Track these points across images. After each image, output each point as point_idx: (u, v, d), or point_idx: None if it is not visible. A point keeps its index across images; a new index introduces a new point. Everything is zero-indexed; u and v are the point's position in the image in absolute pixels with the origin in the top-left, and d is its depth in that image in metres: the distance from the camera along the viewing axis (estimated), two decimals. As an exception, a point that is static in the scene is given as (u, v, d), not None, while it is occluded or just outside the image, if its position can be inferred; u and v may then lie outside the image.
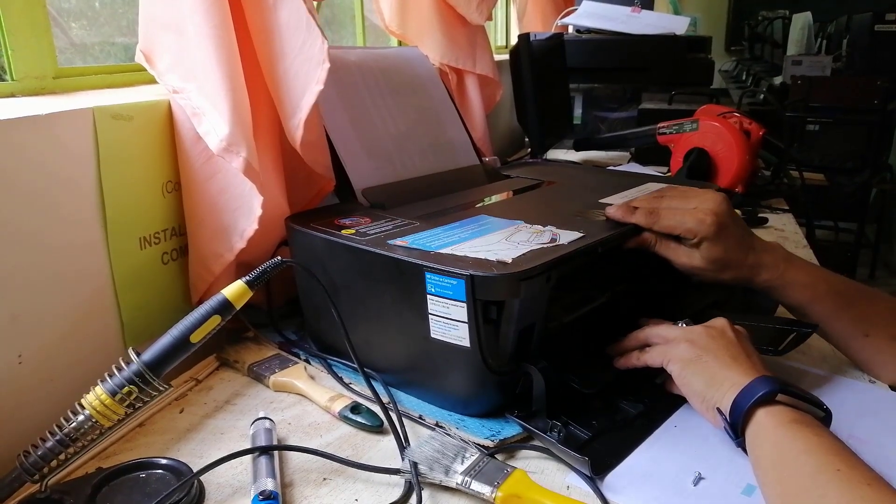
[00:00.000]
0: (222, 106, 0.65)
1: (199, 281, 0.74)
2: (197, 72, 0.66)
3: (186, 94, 0.67)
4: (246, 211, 0.70)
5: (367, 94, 0.86)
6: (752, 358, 0.58)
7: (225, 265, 0.72)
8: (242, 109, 0.67)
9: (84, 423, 0.49)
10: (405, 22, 1.21)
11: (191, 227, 0.73)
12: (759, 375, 0.54)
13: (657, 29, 1.84)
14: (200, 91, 0.66)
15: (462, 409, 0.62)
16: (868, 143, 2.83)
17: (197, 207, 0.72)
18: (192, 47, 0.66)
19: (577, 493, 0.53)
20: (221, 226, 0.71)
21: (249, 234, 0.70)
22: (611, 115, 1.91)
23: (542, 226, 0.65)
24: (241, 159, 0.65)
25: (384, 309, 0.63)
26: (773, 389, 0.52)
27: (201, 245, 0.72)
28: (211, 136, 0.65)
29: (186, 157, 0.70)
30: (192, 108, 0.67)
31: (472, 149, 0.95)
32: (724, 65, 4.76)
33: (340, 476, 0.55)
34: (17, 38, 0.64)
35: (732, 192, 1.25)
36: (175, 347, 0.51)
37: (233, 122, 0.65)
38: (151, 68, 0.69)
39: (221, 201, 0.71)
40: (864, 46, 2.99)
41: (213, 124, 0.65)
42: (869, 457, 0.55)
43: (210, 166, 0.69)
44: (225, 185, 0.70)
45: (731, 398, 0.54)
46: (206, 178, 0.70)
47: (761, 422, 0.51)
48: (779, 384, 0.52)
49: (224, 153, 0.65)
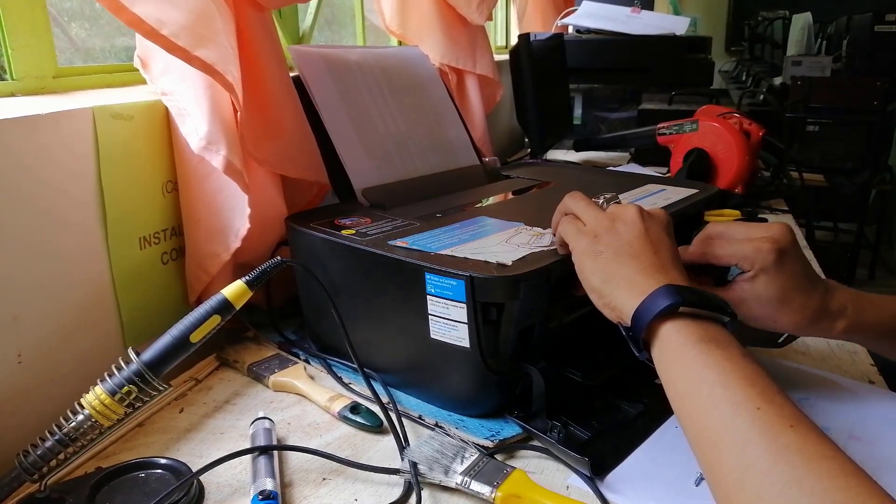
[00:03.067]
0: (203, 105, 0.66)
1: (195, 281, 0.74)
2: (186, 74, 0.67)
3: (174, 97, 0.68)
4: (240, 210, 0.70)
5: (368, 93, 0.86)
6: (658, 254, 0.52)
7: (221, 265, 0.72)
8: (223, 109, 0.67)
9: (83, 423, 0.49)
10: (405, 22, 1.21)
11: (188, 227, 0.73)
12: (660, 285, 0.48)
13: (657, 29, 1.84)
14: (186, 93, 0.67)
15: (462, 410, 0.62)
16: (868, 143, 2.83)
17: (193, 207, 0.72)
18: None
19: (577, 493, 0.53)
20: (217, 225, 0.71)
21: (244, 233, 0.71)
22: (611, 116, 1.91)
23: (542, 228, 0.65)
24: (221, 157, 0.65)
25: (384, 309, 0.63)
26: (674, 302, 0.47)
27: (198, 245, 0.72)
28: (192, 136, 0.66)
29: (183, 156, 0.70)
30: (178, 110, 0.67)
31: (473, 149, 0.95)
32: (724, 65, 4.76)
33: (340, 476, 0.55)
34: (17, 37, 0.64)
35: (732, 192, 1.25)
36: (175, 347, 0.51)
37: (211, 120, 0.65)
38: (147, 73, 0.70)
39: (218, 201, 0.71)
40: (864, 47, 2.99)
41: (195, 124, 0.66)
42: (869, 457, 0.55)
43: (206, 166, 0.70)
44: (221, 184, 0.70)
45: (630, 305, 0.49)
46: (202, 177, 0.70)
47: (666, 339, 0.47)
48: (681, 295, 0.47)
49: (203, 151, 0.66)
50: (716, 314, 0.48)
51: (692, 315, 0.47)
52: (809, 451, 0.37)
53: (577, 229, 0.56)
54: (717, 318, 0.48)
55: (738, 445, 0.39)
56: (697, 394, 0.43)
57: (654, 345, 0.48)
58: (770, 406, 0.40)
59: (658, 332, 0.48)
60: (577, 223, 0.57)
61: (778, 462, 0.37)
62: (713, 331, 0.46)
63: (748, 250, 0.56)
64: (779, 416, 0.39)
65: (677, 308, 0.47)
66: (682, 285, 0.49)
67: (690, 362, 0.45)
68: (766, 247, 0.55)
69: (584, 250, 0.54)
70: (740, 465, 0.38)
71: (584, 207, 0.57)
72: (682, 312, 0.47)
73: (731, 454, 0.39)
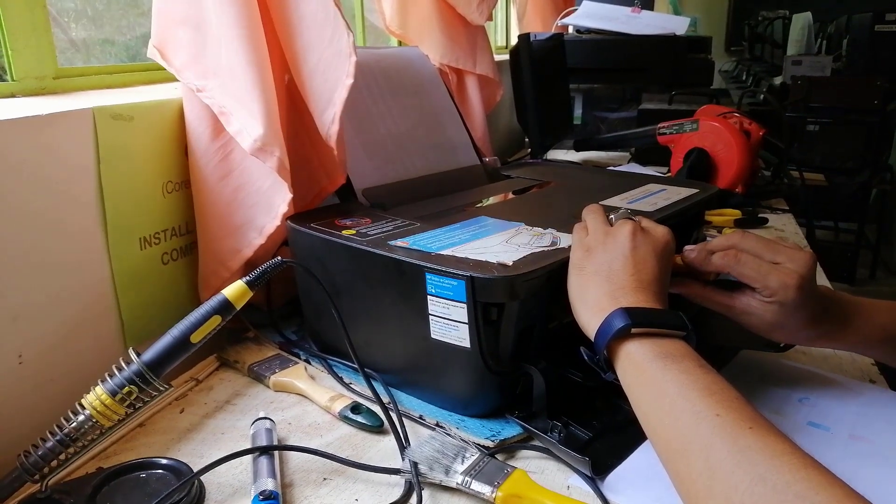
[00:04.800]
0: (254, 106, 0.65)
1: (212, 277, 0.74)
2: (220, 69, 0.66)
3: (210, 92, 0.67)
4: (265, 207, 0.70)
5: (368, 94, 0.86)
6: (637, 275, 0.52)
7: (243, 261, 0.72)
8: (273, 109, 0.67)
9: (84, 423, 0.49)
10: (406, 22, 1.21)
11: (202, 226, 0.73)
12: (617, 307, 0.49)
13: (657, 29, 1.83)
14: (224, 89, 0.66)
15: (462, 410, 0.62)
16: (868, 143, 2.83)
17: (211, 206, 0.72)
18: (214, 44, 0.65)
19: (578, 493, 0.53)
20: (238, 223, 0.72)
21: (270, 230, 0.71)
22: (611, 116, 1.91)
23: (542, 228, 0.65)
24: (276, 158, 0.66)
25: (384, 309, 0.63)
26: (626, 324, 0.48)
27: (215, 242, 0.72)
28: (243, 136, 0.65)
29: (198, 156, 0.70)
30: (219, 107, 0.66)
31: (473, 149, 0.95)
32: (725, 65, 4.76)
33: (341, 476, 0.55)
34: (17, 38, 0.64)
35: (732, 192, 1.26)
36: (175, 347, 0.51)
37: (266, 122, 0.65)
38: (168, 64, 0.69)
39: (238, 199, 0.71)
40: (864, 46, 2.99)
41: (244, 124, 0.65)
42: (869, 456, 0.55)
43: (226, 164, 0.69)
44: (241, 182, 0.70)
45: (593, 326, 0.51)
46: (221, 176, 0.70)
47: (626, 358, 0.49)
48: (632, 318, 0.48)
49: (259, 153, 0.65)
50: (674, 332, 0.49)
51: (648, 334, 0.49)
52: (769, 449, 0.39)
53: (579, 239, 0.58)
54: (674, 334, 0.49)
55: (703, 451, 0.41)
56: (660, 408, 0.45)
57: (617, 365, 0.50)
58: (729, 412, 0.42)
59: (618, 353, 0.49)
60: (582, 233, 0.59)
61: (741, 462, 0.38)
62: (669, 346, 0.48)
63: (773, 282, 0.55)
64: (738, 419, 0.41)
65: (629, 330, 0.48)
66: (635, 307, 0.50)
67: (650, 379, 0.47)
68: (793, 283, 0.55)
69: (574, 262, 0.56)
70: (707, 470, 0.40)
71: (592, 220, 0.59)
72: (636, 333, 0.49)
73: (697, 461, 0.41)
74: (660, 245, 0.56)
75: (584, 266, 0.55)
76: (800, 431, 0.59)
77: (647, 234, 0.56)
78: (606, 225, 0.58)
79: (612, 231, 0.56)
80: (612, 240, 0.55)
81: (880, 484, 0.52)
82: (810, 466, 0.37)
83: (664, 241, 0.56)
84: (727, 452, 0.40)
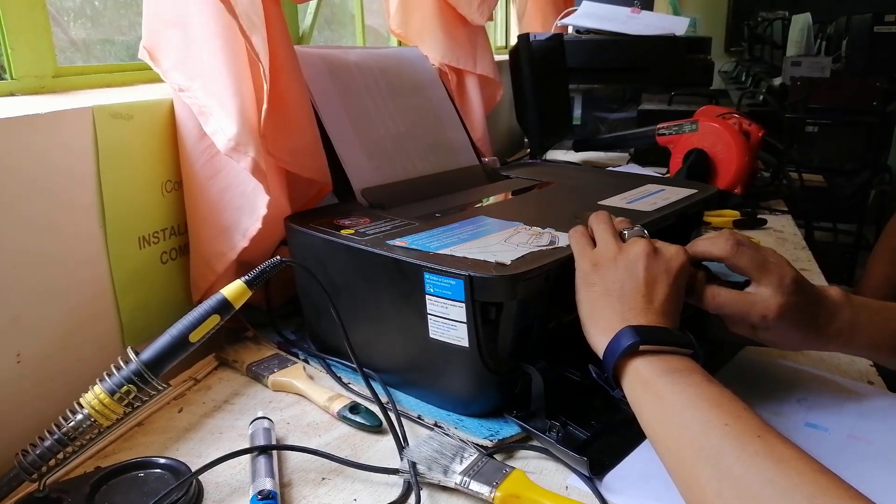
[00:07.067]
0: (230, 105, 0.65)
1: (200, 279, 0.74)
2: (203, 70, 0.66)
3: (192, 93, 0.67)
4: (249, 210, 0.70)
5: (367, 94, 0.86)
6: (648, 296, 0.53)
7: (227, 263, 0.72)
8: (249, 109, 0.67)
9: (83, 423, 0.49)
10: (406, 22, 1.21)
11: (192, 226, 0.73)
12: (626, 325, 0.50)
13: (657, 30, 1.84)
14: (206, 90, 0.66)
15: (461, 409, 0.62)
16: (867, 144, 2.83)
17: (199, 206, 0.72)
18: (197, 45, 0.66)
19: (576, 493, 0.53)
20: (224, 224, 0.71)
21: (252, 233, 0.70)
22: (610, 116, 1.91)
23: (541, 228, 0.65)
24: (250, 159, 0.65)
25: (383, 309, 0.63)
26: (634, 342, 0.49)
27: (203, 244, 0.72)
28: (219, 136, 0.65)
29: (188, 155, 0.70)
30: (199, 107, 0.66)
31: (472, 149, 0.95)
32: (724, 66, 4.76)
33: (339, 476, 0.55)
34: (16, 37, 0.64)
35: (731, 193, 1.26)
36: (174, 347, 0.51)
37: (240, 121, 0.65)
38: (156, 65, 0.69)
39: (224, 200, 0.71)
40: (863, 48, 2.98)
41: (221, 124, 0.65)
42: (867, 457, 0.55)
43: (212, 165, 0.69)
44: (227, 183, 0.70)
45: (602, 345, 0.51)
46: (208, 176, 0.70)
47: (634, 375, 0.49)
48: (641, 334, 0.49)
49: (232, 153, 0.65)
50: (681, 349, 0.50)
51: (656, 352, 0.50)
52: (777, 454, 0.40)
53: (583, 248, 0.58)
54: (680, 351, 0.50)
55: (713, 458, 0.42)
56: (668, 420, 0.46)
57: (624, 382, 0.51)
58: (737, 421, 0.43)
59: (626, 370, 0.50)
60: (585, 241, 0.59)
61: (751, 467, 0.40)
62: (677, 362, 0.49)
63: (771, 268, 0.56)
64: (746, 429, 0.42)
65: (637, 347, 0.49)
66: (643, 325, 0.51)
67: (659, 393, 0.48)
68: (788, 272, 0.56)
69: (582, 276, 0.56)
70: (716, 476, 0.41)
71: (601, 231, 0.59)
72: (644, 350, 0.50)
73: (707, 468, 0.42)
74: (673, 267, 0.55)
75: (594, 282, 0.55)
76: (798, 432, 0.59)
77: (659, 255, 0.55)
78: (617, 240, 0.57)
79: (625, 249, 0.56)
80: (623, 258, 0.55)
81: (878, 484, 0.52)
82: (818, 471, 0.38)
83: (678, 264, 0.55)
84: (736, 458, 0.40)
